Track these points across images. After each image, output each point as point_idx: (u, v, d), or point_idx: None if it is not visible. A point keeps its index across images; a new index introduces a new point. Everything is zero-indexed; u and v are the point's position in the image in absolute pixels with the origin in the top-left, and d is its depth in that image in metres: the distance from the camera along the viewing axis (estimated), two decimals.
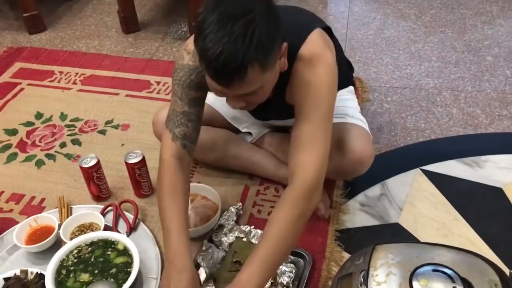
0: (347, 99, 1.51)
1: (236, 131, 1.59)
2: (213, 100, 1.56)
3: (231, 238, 1.37)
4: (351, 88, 1.56)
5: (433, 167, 1.60)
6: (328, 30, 1.25)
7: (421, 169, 1.60)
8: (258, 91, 1.04)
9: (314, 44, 1.14)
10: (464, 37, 2.23)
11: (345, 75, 1.55)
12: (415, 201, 1.49)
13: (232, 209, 1.46)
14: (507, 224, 1.42)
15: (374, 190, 1.54)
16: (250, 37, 0.92)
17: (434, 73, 2.02)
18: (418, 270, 1.04)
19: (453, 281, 1.00)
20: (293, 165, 1.14)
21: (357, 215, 1.47)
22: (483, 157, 1.62)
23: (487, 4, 2.46)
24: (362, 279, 1.06)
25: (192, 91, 1.20)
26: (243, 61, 0.93)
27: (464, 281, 1.01)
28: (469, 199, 1.50)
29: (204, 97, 1.24)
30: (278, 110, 1.29)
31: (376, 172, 1.58)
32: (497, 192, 1.51)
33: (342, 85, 1.51)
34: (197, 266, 1.25)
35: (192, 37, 1.08)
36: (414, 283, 1.01)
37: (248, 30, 0.92)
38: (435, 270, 1.03)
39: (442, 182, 1.55)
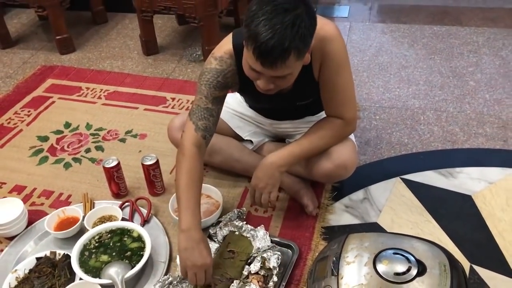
0: None
1: (240, 139, 1.82)
2: (221, 111, 1.80)
3: (225, 231, 1.57)
4: None
5: (411, 176, 1.80)
6: None
7: (401, 178, 1.80)
8: (288, 76, 1.27)
9: (324, 23, 1.36)
10: (450, 63, 2.45)
11: None
12: (393, 205, 1.70)
13: (235, 211, 1.65)
14: (473, 227, 1.61)
15: (358, 194, 1.75)
16: (297, 27, 1.15)
17: (420, 95, 2.24)
18: (381, 253, 1.25)
19: (409, 262, 1.21)
20: (337, 106, 1.50)
21: (341, 215, 1.68)
22: (457, 169, 1.82)
23: (474, 35, 2.68)
24: (334, 259, 1.27)
25: (217, 91, 1.45)
26: (289, 47, 1.16)
27: (419, 262, 1.21)
28: (441, 204, 1.69)
29: (225, 96, 1.49)
30: (301, 94, 1.53)
31: (360, 179, 1.80)
32: (467, 199, 1.71)
33: None
34: None
35: (219, 46, 1.42)
36: (377, 263, 1.22)
37: (296, 22, 1.15)
38: (396, 253, 1.24)
39: (418, 189, 1.75)
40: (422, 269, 1.19)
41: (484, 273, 1.45)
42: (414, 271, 1.18)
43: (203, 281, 1.33)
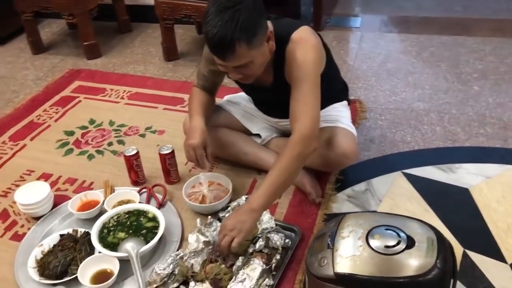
0: (340, 110, 1.85)
1: (249, 134, 1.95)
2: (232, 108, 1.95)
3: None
4: (345, 102, 1.90)
5: (412, 171, 1.90)
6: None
7: (402, 172, 1.90)
8: (249, 65, 1.43)
9: (303, 31, 1.53)
10: (456, 70, 2.55)
11: (341, 91, 1.91)
12: (393, 196, 1.79)
13: (243, 197, 1.76)
14: (468, 216, 1.69)
15: (360, 186, 1.85)
16: (236, 21, 1.32)
17: (425, 98, 2.34)
18: (374, 229, 1.34)
19: (399, 237, 1.30)
20: (292, 121, 1.51)
21: (343, 204, 1.78)
22: (457, 165, 1.91)
23: (481, 44, 2.78)
24: (330, 234, 1.37)
25: (211, 65, 1.66)
26: (232, 39, 1.33)
27: (409, 237, 1.31)
28: (439, 196, 1.78)
29: (220, 71, 1.59)
30: (279, 92, 1.63)
31: (363, 173, 1.91)
32: (464, 191, 1.79)
33: (337, 99, 1.88)
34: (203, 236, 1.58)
35: None
36: (369, 237, 1.32)
37: (235, 16, 1.32)
38: (387, 229, 1.34)
39: (418, 182, 1.84)
40: (411, 243, 1.28)
41: (476, 257, 1.53)
42: (403, 245, 1.27)
43: (192, 158, 1.65)
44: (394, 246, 1.28)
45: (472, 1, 3.41)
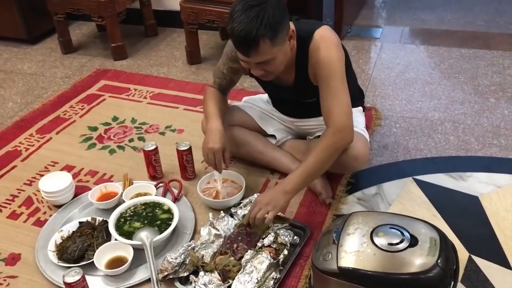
0: (355, 115, 1.86)
1: (265, 135, 2.00)
2: (249, 109, 2.01)
3: (245, 210, 1.73)
4: (360, 108, 1.94)
5: (423, 177, 1.92)
6: None
7: (413, 178, 1.93)
8: (271, 62, 1.50)
9: (325, 30, 1.60)
10: (474, 82, 2.56)
11: (357, 97, 1.95)
12: (402, 200, 1.82)
13: (255, 195, 1.81)
14: (476, 223, 1.71)
15: (371, 190, 1.88)
16: (261, 18, 1.40)
17: (441, 108, 2.36)
18: (379, 227, 1.38)
19: (403, 235, 1.34)
20: (326, 118, 1.59)
21: (353, 206, 1.81)
22: (468, 173, 1.93)
23: (501, 58, 2.79)
24: (336, 230, 1.41)
25: (231, 62, 1.75)
26: (256, 35, 1.41)
27: (412, 236, 1.34)
28: (448, 202, 1.80)
29: (239, 69, 1.74)
30: (299, 91, 1.71)
31: (375, 177, 1.94)
32: (474, 199, 1.81)
33: (353, 105, 1.91)
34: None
35: None
36: (374, 234, 1.36)
37: (260, 14, 1.40)
38: (392, 228, 1.38)
39: (428, 188, 1.87)
40: (414, 242, 1.32)
41: (481, 263, 1.55)
42: (406, 243, 1.32)
43: (212, 162, 1.71)
44: (397, 243, 1.32)
45: (495, 16, 3.42)
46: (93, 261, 1.55)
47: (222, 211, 1.73)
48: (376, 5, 3.83)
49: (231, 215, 1.75)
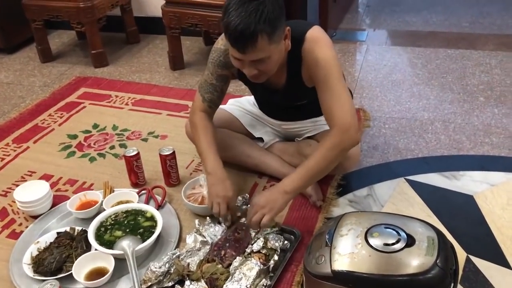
0: None
1: (252, 138, 1.93)
2: (235, 111, 1.94)
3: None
4: None
5: (415, 177, 1.87)
6: None
7: (405, 178, 1.87)
8: (266, 60, 1.41)
9: (316, 30, 1.52)
10: (462, 82, 2.53)
11: None
12: (395, 201, 1.76)
13: (240, 197, 1.75)
14: (472, 222, 1.66)
15: (362, 191, 1.82)
16: (260, 13, 1.31)
17: (430, 108, 2.32)
18: (373, 227, 1.32)
19: (399, 235, 1.28)
20: (328, 118, 1.51)
21: (344, 208, 1.75)
22: (461, 172, 1.88)
23: (487, 58, 2.77)
24: (329, 232, 1.34)
25: (220, 69, 1.64)
26: (255, 30, 1.31)
27: (409, 236, 1.28)
28: (443, 202, 1.75)
29: (228, 76, 1.65)
30: (290, 94, 1.63)
31: (366, 178, 1.88)
32: (469, 198, 1.76)
33: None
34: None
35: None
36: (368, 235, 1.29)
37: (259, 8, 1.31)
38: (387, 228, 1.31)
39: (421, 189, 1.81)
40: (411, 242, 1.25)
41: (480, 263, 1.49)
42: (403, 243, 1.25)
43: (224, 211, 1.55)
44: (393, 244, 1.25)
45: (479, 18, 3.42)
46: (71, 273, 1.46)
47: (208, 217, 1.65)
48: (361, 9, 3.81)
49: (218, 221, 1.67)
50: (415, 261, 1.21)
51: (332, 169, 1.74)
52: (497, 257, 1.51)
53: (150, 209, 1.69)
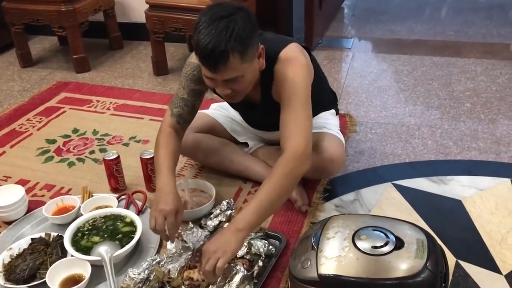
0: (328, 118, 1.81)
1: (236, 143, 1.89)
2: (218, 116, 1.89)
3: (215, 221, 1.61)
4: (333, 111, 1.85)
5: (403, 182, 1.83)
6: (307, 49, 1.58)
7: (392, 183, 1.83)
8: (240, 80, 1.35)
9: (291, 49, 1.47)
10: (448, 88, 2.52)
11: (329, 100, 1.86)
12: (382, 206, 1.72)
13: (224, 202, 1.70)
14: (460, 227, 1.62)
15: (349, 196, 1.78)
16: (231, 31, 1.25)
17: (416, 114, 2.30)
18: (360, 230, 1.27)
19: (388, 238, 1.23)
20: (284, 141, 1.42)
21: (330, 213, 1.70)
22: (448, 177, 1.85)
23: (473, 65, 2.77)
24: (315, 235, 1.29)
25: (193, 84, 1.55)
26: (226, 48, 1.25)
27: (397, 238, 1.23)
28: (431, 207, 1.71)
29: (202, 91, 1.57)
30: (267, 109, 1.57)
31: (352, 183, 1.84)
32: (457, 203, 1.72)
33: (325, 108, 1.83)
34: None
35: None
36: (356, 238, 1.24)
37: (230, 26, 1.25)
38: (375, 230, 1.27)
39: (409, 193, 1.77)
40: (400, 244, 1.21)
41: (469, 268, 1.45)
42: (391, 246, 1.20)
43: (161, 226, 1.39)
44: (381, 246, 1.21)
45: (464, 27, 3.43)
46: (45, 281, 1.38)
47: (190, 222, 1.59)
48: (346, 18, 3.81)
49: (201, 226, 1.61)
50: (404, 264, 1.16)
51: (317, 174, 1.72)
52: (487, 262, 1.47)
53: (130, 214, 1.62)
